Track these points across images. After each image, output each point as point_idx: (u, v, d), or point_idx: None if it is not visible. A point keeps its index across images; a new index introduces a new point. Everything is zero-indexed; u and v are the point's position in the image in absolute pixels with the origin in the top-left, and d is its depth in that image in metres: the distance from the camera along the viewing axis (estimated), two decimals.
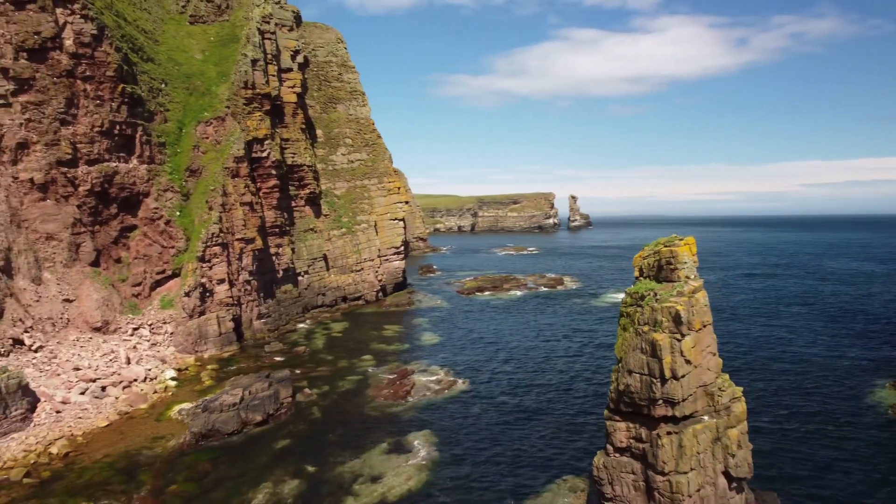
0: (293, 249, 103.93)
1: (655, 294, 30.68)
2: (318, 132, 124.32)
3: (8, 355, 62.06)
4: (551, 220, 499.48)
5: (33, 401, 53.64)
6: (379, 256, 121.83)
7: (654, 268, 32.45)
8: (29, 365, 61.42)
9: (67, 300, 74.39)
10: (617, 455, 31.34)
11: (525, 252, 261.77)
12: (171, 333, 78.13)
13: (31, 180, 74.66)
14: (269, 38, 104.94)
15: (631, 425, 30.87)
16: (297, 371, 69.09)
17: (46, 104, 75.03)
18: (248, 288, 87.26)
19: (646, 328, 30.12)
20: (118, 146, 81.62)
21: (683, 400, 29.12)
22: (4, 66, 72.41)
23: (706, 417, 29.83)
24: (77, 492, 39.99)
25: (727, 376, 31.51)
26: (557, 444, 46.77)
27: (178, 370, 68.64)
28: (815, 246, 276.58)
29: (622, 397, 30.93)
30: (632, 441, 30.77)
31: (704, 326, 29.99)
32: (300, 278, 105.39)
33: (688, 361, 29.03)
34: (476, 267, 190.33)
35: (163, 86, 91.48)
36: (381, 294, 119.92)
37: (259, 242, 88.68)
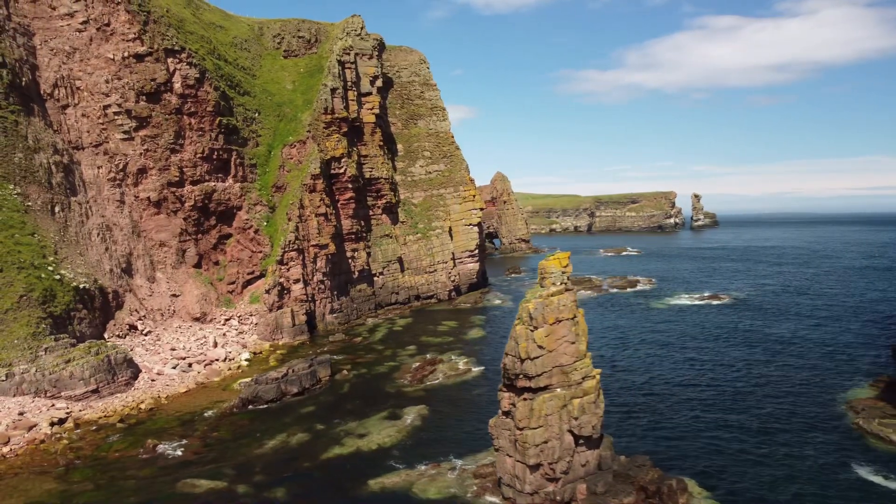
0: (369, 253, 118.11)
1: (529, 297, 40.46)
2: (399, 146, 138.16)
3: (125, 337, 79.91)
4: (672, 220, 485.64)
5: (136, 371, 70.25)
6: (453, 259, 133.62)
7: (540, 277, 42.07)
8: (139, 346, 78.85)
9: (174, 295, 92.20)
10: (502, 417, 41.18)
11: (625, 253, 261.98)
12: (256, 324, 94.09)
13: (148, 198, 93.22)
14: (350, 68, 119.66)
15: (511, 395, 40.72)
16: (349, 356, 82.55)
17: (160, 137, 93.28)
18: (322, 287, 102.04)
19: (516, 321, 40.03)
20: (216, 168, 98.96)
21: (538, 375, 38.66)
22: (128, 108, 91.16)
23: (559, 390, 39.19)
24: (150, 433, 55.05)
25: (588, 361, 40.59)
26: None
27: (254, 353, 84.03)
28: None
29: (505, 373, 40.91)
30: (510, 406, 40.57)
31: (559, 321, 39.31)
32: (375, 279, 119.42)
33: (540, 347, 38.59)
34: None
35: (256, 115, 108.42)
36: (454, 293, 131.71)
37: (332, 248, 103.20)
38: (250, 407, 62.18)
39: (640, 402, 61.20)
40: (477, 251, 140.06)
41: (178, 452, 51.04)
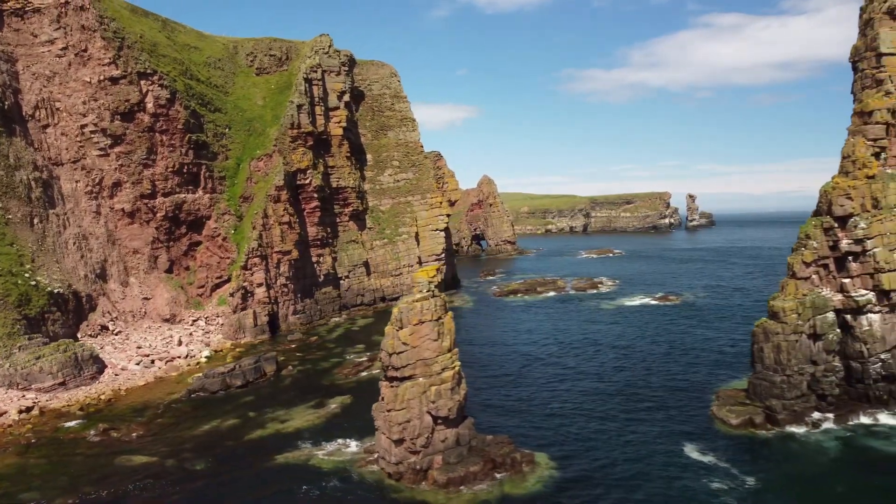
0: (334, 258, 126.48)
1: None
2: (369, 156, 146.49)
3: (96, 336, 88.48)
4: (666, 220, 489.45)
5: (102, 367, 78.80)
6: (419, 262, 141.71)
7: (412, 285, 50.25)
8: (108, 344, 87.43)
9: (146, 298, 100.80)
10: (381, 402, 49.43)
11: (608, 255, 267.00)
12: (222, 324, 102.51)
13: (123, 209, 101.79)
14: (317, 84, 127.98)
15: (387, 384, 48.94)
16: (301, 353, 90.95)
17: (133, 153, 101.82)
18: (286, 290, 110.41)
19: (389, 323, 48.31)
20: (186, 181, 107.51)
21: (403, 367, 46.83)
22: (104, 127, 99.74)
23: (422, 379, 47.36)
24: (105, 419, 63.60)
25: (449, 356, 48.68)
26: None
27: (215, 351, 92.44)
28: None
29: (383, 366, 49.14)
30: (386, 393, 48.78)
31: (422, 323, 47.47)
32: (342, 282, 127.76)
33: (405, 344, 46.79)
34: (542, 270, 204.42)
35: (227, 130, 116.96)
36: None
37: (295, 254, 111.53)
38: (194, 396, 70.62)
39: (529, 392, 69.14)
40: (444, 255, 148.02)
41: (123, 435, 59.46)
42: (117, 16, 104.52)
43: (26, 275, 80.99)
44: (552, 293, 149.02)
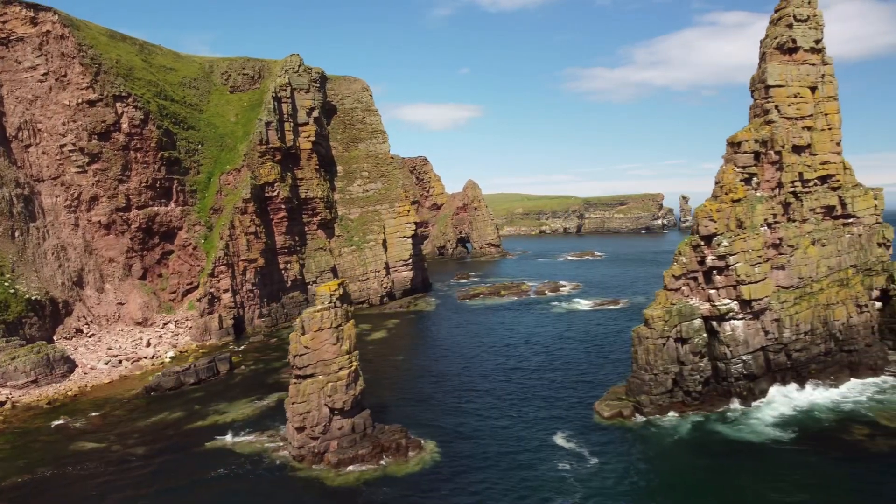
0: (302, 265, 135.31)
1: None
2: (339, 168, 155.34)
3: (71, 339, 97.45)
4: (659, 221, 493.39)
5: (72, 366, 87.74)
6: (386, 268, 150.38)
7: (316, 297, 58.94)
8: (82, 346, 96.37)
9: (120, 303, 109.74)
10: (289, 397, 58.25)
11: (588, 258, 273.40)
12: (190, 327, 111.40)
13: (99, 222, 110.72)
14: (286, 102, 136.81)
15: (294, 381, 57.69)
16: (257, 354, 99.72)
17: (109, 169, 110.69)
18: (252, 295, 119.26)
19: (294, 330, 57.11)
20: (159, 195, 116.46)
21: (304, 367, 55.63)
22: (82, 146, 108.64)
23: (321, 377, 56.09)
24: (67, 412, 72.53)
25: (347, 357, 57.34)
26: None
27: (181, 352, 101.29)
28: None
29: (290, 365, 57.90)
30: (291, 389, 57.53)
31: (322, 329, 56.19)
32: (309, 287, 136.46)
33: (306, 347, 55.53)
34: (517, 273, 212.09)
35: (199, 146, 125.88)
36: (385, 299, 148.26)
37: (261, 262, 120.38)
38: (150, 393, 79.51)
39: (447, 387, 77.69)
40: (411, 260, 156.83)
41: (80, 425, 68.36)
42: (95, 42, 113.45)
43: (6, 283, 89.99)
44: (514, 297, 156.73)
